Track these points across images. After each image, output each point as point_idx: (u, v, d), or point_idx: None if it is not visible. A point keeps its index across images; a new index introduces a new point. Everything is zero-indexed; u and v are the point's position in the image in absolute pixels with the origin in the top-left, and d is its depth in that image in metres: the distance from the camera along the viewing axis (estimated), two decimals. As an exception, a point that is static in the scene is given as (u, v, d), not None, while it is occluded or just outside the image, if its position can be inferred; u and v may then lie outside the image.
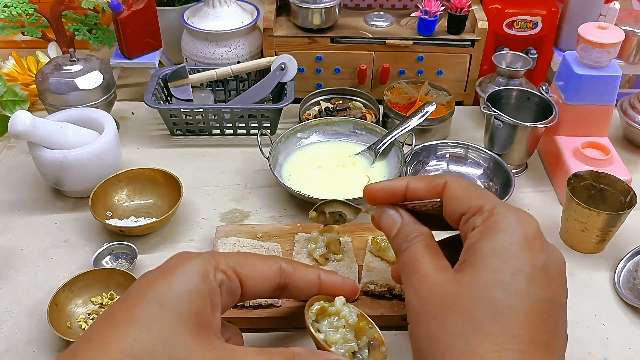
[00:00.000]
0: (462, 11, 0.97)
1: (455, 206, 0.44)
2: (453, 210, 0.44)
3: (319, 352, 0.45)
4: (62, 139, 0.77)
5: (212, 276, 0.42)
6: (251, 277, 0.45)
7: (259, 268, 0.45)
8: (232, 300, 0.44)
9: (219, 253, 0.45)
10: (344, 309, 0.50)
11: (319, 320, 0.50)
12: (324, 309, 0.50)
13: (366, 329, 0.50)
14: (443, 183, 0.45)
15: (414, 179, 0.47)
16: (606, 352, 0.63)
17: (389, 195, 0.48)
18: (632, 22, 0.96)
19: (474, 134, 0.97)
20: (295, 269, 0.48)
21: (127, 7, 0.97)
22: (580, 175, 0.76)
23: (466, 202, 0.43)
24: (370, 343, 0.50)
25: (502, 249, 0.39)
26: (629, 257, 0.74)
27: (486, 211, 0.42)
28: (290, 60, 0.95)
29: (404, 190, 0.47)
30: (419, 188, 0.47)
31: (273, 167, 0.82)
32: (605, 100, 0.83)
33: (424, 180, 0.47)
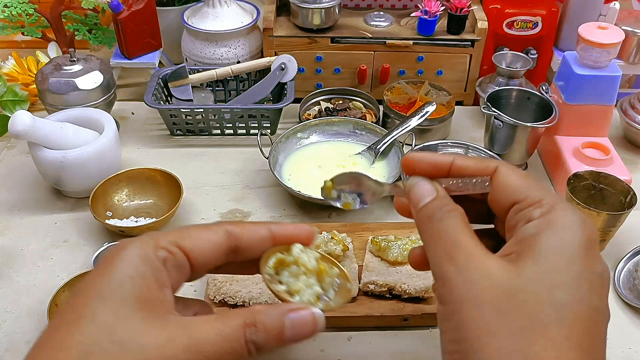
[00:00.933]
0: (462, 11, 0.97)
1: (508, 192, 0.40)
2: (504, 197, 0.40)
3: (279, 304, 0.41)
4: (62, 139, 0.77)
5: (153, 256, 0.39)
6: (196, 247, 0.41)
7: (203, 237, 0.42)
8: (183, 275, 0.41)
9: (158, 232, 0.42)
10: (302, 255, 0.46)
11: (280, 272, 0.46)
12: (281, 260, 0.46)
13: (328, 270, 0.47)
14: (495, 166, 0.41)
15: (461, 157, 0.43)
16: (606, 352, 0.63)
17: (432, 167, 0.43)
18: (632, 22, 0.96)
19: (474, 134, 0.97)
20: (242, 228, 0.44)
21: (127, 7, 0.97)
22: (580, 175, 0.76)
23: (523, 191, 0.39)
24: (336, 282, 0.47)
25: (566, 248, 0.36)
26: (629, 257, 0.74)
27: (546, 204, 0.38)
28: (290, 60, 0.95)
29: (449, 166, 0.43)
30: (467, 166, 0.42)
31: (273, 167, 0.82)
32: (605, 100, 0.83)
33: (472, 159, 0.43)
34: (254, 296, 0.63)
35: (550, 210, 0.38)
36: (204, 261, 0.42)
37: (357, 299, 0.65)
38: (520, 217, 0.39)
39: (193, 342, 0.37)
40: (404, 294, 0.64)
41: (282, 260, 0.46)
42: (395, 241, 0.69)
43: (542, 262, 0.36)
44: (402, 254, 0.67)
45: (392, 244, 0.68)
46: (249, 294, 0.63)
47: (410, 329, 0.65)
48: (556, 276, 0.36)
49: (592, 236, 0.38)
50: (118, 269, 0.38)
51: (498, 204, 0.41)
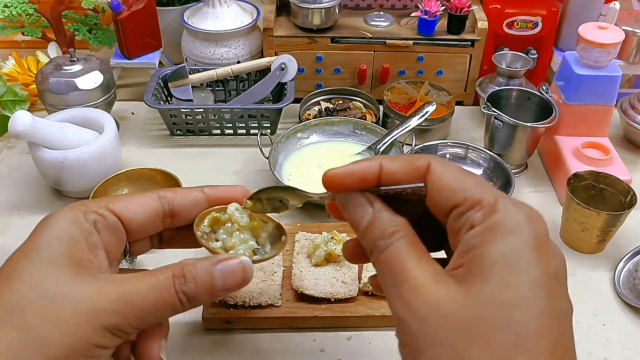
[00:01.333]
0: (462, 11, 0.97)
1: (444, 196, 0.36)
2: (442, 201, 0.36)
3: (208, 257, 0.41)
4: (62, 139, 0.77)
5: (82, 218, 0.40)
6: (128, 209, 0.42)
7: (135, 201, 0.42)
8: (118, 239, 0.41)
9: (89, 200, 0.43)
10: (236, 213, 0.47)
11: (216, 231, 0.47)
12: (216, 219, 0.46)
13: (261, 225, 0.48)
14: (426, 165, 0.37)
15: (389, 158, 0.38)
16: (606, 352, 0.63)
17: (359, 181, 0.38)
18: (632, 22, 0.96)
19: (474, 134, 0.97)
20: (175, 191, 0.45)
21: (127, 7, 0.97)
22: (580, 175, 0.76)
23: (460, 192, 0.35)
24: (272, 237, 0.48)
25: (515, 256, 0.33)
26: (629, 257, 0.74)
27: (486, 205, 0.34)
28: (290, 60, 0.95)
29: (378, 174, 0.38)
30: (395, 170, 0.38)
31: (273, 167, 0.82)
32: (605, 100, 0.83)
33: (401, 161, 0.38)
34: (254, 296, 0.63)
35: (491, 211, 0.34)
36: (139, 225, 0.42)
37: (357, 299, 0.65)
38: (462, 223, 0.35)
39: (123, 294, 0.37)
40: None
41: (217, 218, 0.46)
42: (395, 241, 0.68)
43: (491, 279, 0.33)
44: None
45: (392, 244, 0.68)
46: (249, 293, 0.63)
47: (410, 329, 0.65)
48: (510, 293, 0.32)
49: (540, 232, 0.34)
50: (46, 232, 0.38)
51: (437, 208, 0.37)
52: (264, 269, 0.67)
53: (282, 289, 0.65)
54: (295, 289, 0.64)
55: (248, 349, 0.62)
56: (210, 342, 0.63)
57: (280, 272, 0.67)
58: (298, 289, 0.64)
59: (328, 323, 0.64)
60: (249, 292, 0.64)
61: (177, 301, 0.38)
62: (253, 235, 0.47)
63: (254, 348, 0.62)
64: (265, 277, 0.66)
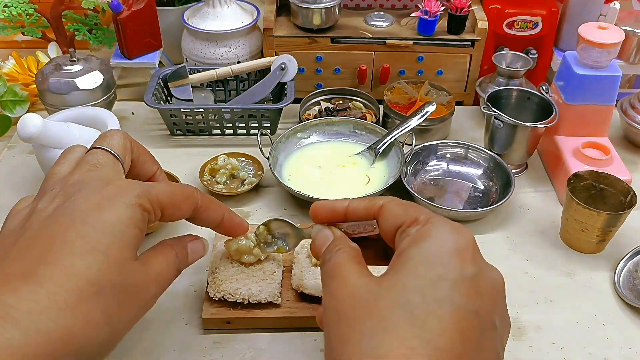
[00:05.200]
0: (462, 11, 0.97)
1: (391, 222, 0.43)
2: (389, 226, 0.43)
3: (182, 237, 0.53)
4: (69, 139, 0.77)
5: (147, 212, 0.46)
6: (171, 214, 0.49)
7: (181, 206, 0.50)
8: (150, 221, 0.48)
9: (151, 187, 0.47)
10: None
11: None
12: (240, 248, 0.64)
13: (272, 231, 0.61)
14: (381, 204, 0.45)
15: (356, 200, 0.47)
16: (606, 352, 0.63)
17: (330, 213, 0.48)
18: (632, 22, 0.96)
19: (474, 134, 0.97)
20: (207, 206, 0.53)
21: (127, 7, 0.97)
22: (580, 175, 0.76)
23: (402, 216, 0.42)
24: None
25: (430, 255, 0.38)
26: (629, 257, 0.74)
27: (421, 221, 0.41)
28: (290, 60, 0.95)
29: (345, 210, 0.47)
30: (357, 207, 0.47)
31: (273, 167, 0.82)
32: (605, 100, 0.83)
33: (364, 201, 0.47)
34: (253, 293, 0.63)
35: (424, 224, 0.40)
36: (167, 221, 0.50)
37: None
38: (402, 238, 0.41)
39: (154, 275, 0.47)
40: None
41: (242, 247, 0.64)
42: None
43: (403, 271, 0.38)
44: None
45: (392, 243, 0.68)
46: (248, 291, 0.63)
47: (410, 329, 0.65)
48: (413, 281, 0.37)
49: (462, 243, 0.39)
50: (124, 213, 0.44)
51: (387, 235, 0.44)
52: (263, 269, 0.67)
53: (281, 288, 0.65)
54: (296, 288, 0.64)
55: (248, 349, 0.62)
56: (210, 342, 0.63)
57: (280, 271, 0.67)
58: (298, 289, 0.64)
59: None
60: (248, 290, 0.64)
61: (175, 276, 0.50)
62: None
63: (254, 348, 0.62)
64: (265, 276, 0.66)
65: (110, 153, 0.49)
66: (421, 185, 0.86)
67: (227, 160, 0.84)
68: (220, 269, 0.66)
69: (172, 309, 0.67)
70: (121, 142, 0.51)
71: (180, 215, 0.50)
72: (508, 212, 0.82)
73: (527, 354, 0.63)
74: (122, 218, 0.43)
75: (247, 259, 0.66)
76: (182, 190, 0.50)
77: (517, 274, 0.72)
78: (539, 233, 0.79)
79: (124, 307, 0.42)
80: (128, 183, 0.47)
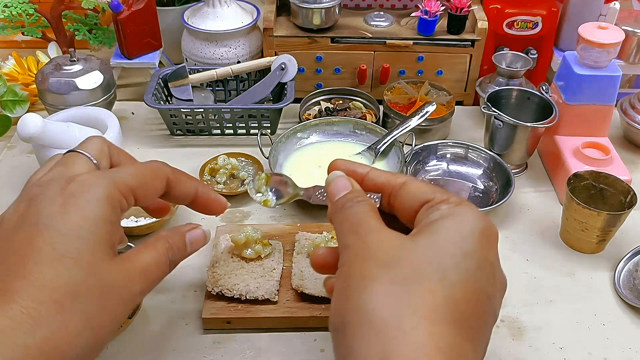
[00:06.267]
0: (462, 11, 0.97)
1: (418, 196, 0.43)
2: (414, 200, 0.43)
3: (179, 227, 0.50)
4: (70, 139, 0.77)
5: (117, 202, 0.43)
6: (144, 195, 0.46)
7: (153, 183, 0.47)
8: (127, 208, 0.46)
9: (115, 173, 0.45)
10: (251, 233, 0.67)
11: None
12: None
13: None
14: (404, 180, 0.45)
15: (377, 170, 0.47)
16: (606, 352, 0.63)
17: (350, 173, 0.47)
18: (632, 22, 0.96)
19: (474, 134, 0.97)
20: (179, 179, 0.50)
21: (127, 7, 0.97)
22: (580, 175, 0.76)
23: (430, 193, 0.42)
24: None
25: (464, 230, 0.39)
26: (629, 257, 0.74)
27: (453, 202, 0.41)
28: (290, 60, 0.95)
29: (364, 176, 0.47)
30: (378, 177, 0.46)
31: (273, 167, 0.82)
32: (605, 100, 0.83)
33: (385, 173, 0.46)
34: (251, 290, 0.63)
35: (456, 205, 0.41)
36: (141, 205, 0.48)
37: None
38: (430, 212, 0.41)
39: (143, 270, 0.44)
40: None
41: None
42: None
43: (436, 236, 0.39)
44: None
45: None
46: (246, 287, 0.64)
47: (410, 328, 0.65)
48: (447, 247, 0.38)
49: (491, 231, 0.41)
50: (92, 210, 0.41)
51: (407, 208, 0.44)
52: (263, 265, 0.67)
53: (279, 286, 0.65)
54: (296, 288, 0.64)
55: (248, 349, 0.62)
56: (210, 342, 0.63)
57: (279, 269, 0.67)
58: (298, 289, 0.64)
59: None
60: (246, 286, 0.64)
61: (169, 268, 0.47)
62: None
63: (254, 348, 0.62)
64: (264, 272, 0.66)
65: (84, 155, 0.46)
66: (421, 185, 0.86)
67: (227, 160, 0.84)
68: (220, 264, 0.66)
69: (172, 309, 0.67)
70: (97, 146, 0.48)
71: (154, 192, 0.48)
72: (508, 212, 0.82)
73: (527, 354, 0.63)
74: (90, 216, 0.41)
75: (248, 253, 0.67)
76: (150, 167, 0.48)
77: (517, 274, 0.72)
78: (539, 233, 0.79)
79: (105, 309, 0.40)
80: (91, 176, 0.43)
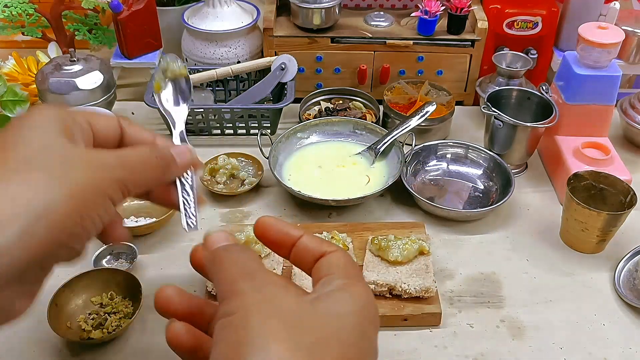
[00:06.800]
0: (462, 11, 0.97)
1: (311, 252, 0.39)
2: (308, 255, 0.40)
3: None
4: None
5: (67, 117, 0.41)
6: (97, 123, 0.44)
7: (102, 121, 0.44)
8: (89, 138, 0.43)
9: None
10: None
11: None
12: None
13: None
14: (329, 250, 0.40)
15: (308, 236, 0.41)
16: (606, 352, 0.63)
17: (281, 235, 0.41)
18: (632, 22, 0.96)
19: (474, 134, 0.97)
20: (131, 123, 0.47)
21: (127, 7, 0.97)
22: (580, 175, 0.76)
23: (320, 247, 0.39)
24: None
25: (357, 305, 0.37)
26: (629, 257, 0.74)
27: (347, 277, 0.38)
28: (290, 60, 0.95)
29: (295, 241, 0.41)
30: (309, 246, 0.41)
31: (273, 167, 0.82)
32: (605, 100, 0.83)
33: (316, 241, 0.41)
34: None
35: (351, 284, 0.38)
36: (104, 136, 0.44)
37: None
38: (328, 281, 0.38)
39: (121, 156, 0.41)
40: (404, 293, 0.64)
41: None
42: (395, 241, 0.69)
43: (333, 305, 0.36)
44: (402, 253, 0.67)
45: (392, 243, 0.68)
46: None
47: (410, 328, 0.65)
48: (346, 321, 0.36)
49: (375, 309, 0.39)
50: (39, 117, 0.39)
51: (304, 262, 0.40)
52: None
53: None
54: (295, 289, 0.64)
55: (248, 349, 0.62)
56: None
57: (279, 269, 0.67)
58: (298, 289, 0.64)
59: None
60: None
61: (158, 165, 0.44)
62: None
63: (254, 348, 0.62)
64: (265, 275, 0.66)
65: None
66: (421, 185, 0.86)
67: (227, 160, 0.84)
68: None
69: (172, 309, 0.67)
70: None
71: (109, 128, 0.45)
72: (508, 212, 0.82)
73: (527, 354, 0.63)
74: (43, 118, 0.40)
75: None
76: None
77: (517, 274, 0.72)
78: (539, 233, 0.79)
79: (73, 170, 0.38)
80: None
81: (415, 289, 0.64)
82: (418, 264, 0.68)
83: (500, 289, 0.70)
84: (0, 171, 0.36)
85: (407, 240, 0.69)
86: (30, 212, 0.35)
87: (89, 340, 0.62)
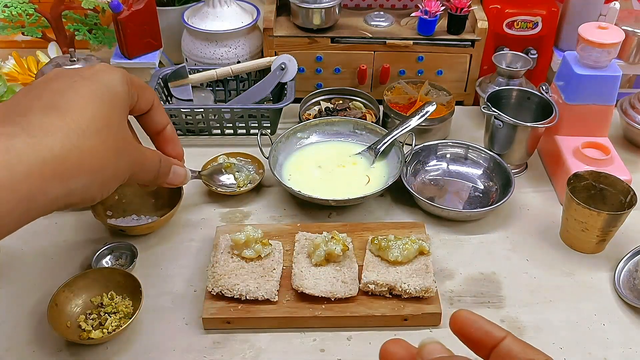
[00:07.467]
0: (462, 11, 0.97)
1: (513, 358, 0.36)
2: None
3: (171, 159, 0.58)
4: None
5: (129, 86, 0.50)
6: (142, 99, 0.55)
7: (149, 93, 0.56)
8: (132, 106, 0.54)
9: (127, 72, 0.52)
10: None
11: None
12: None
13: None
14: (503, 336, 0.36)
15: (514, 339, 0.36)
16: (606, 352, 0.63)
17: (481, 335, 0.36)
18: (632, 22, 0.96)
19: (474, 134, 0.97)
20: (158, 106, 0.59)
21: (127, 7, 0.97)
22: (580, 175, 0.76)
23: (525, 354, 0.36)
24: None
25: None
26: (629, 257, 0.74)
27: None
28: (290, 60, 0.95)
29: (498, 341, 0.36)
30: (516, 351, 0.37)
31: (273, 167, 0.82)
32: (605, 100, 0.83)
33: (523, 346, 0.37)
34: (251, 290, 0.64)
35: None
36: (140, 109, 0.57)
37: (357, 298, 0.65)
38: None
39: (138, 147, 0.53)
40: (404, 294, 0.64)
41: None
42: (395, 241, 0.69)
43: None
44: (402, 253, 0.67)
45: (392, 243, 0.68)
46: (246, 287, 0.64)
47: (410, 329, 0.65)
48: None
49: None
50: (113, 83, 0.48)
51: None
52: (263, 265, 0.67)
53: (279, 286, 0.65)
54: (296, 288, 0.64)
55: (248, 349, 0.62)
56: (210, 342, 0.63)
57: (279, 269, 0.67)
58: (298, 289, 0.64)
59: (328, 323, 0.64)
60: (246, 286, 0.64)
61: (158, 169, 0.55)
62: None
63: (254, 348, 0.62)
64: (264, 272, 0.66)
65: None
66: (421, 185, 0.86)
67: (227, 160, 0.84)
68: (220, 264, 0.67)
69: (172, 309, 0.67)
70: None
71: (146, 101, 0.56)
72: (508, 212, 0.82)
73: (527, 354, 0.63)
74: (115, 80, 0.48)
75: (248, 253, 0.66)
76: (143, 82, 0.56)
77: (517, 274, 0.72)
78: (539, 233, 0.79)
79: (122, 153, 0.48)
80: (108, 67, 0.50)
81: (415, 289, 0.64)
82: (418, 264, 0.68)
83: (500, 289, 0.70)
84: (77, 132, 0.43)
85: (407, 240, 0.69)
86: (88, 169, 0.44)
87: (89, 340, 0.62)
